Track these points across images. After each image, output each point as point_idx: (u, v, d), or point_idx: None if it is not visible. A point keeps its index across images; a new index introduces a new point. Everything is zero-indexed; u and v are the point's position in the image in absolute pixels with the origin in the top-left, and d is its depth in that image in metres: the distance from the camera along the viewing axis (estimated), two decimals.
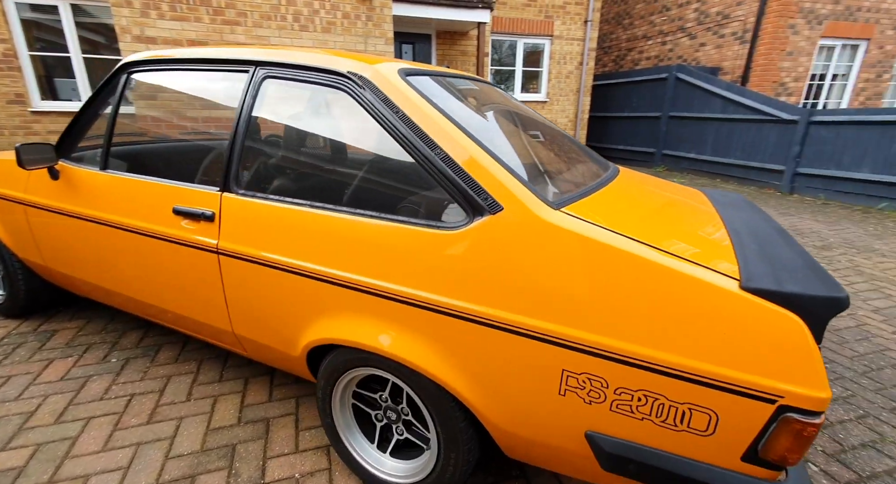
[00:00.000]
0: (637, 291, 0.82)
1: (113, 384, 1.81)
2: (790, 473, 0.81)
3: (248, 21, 4.75)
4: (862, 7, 8.51)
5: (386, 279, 1.10)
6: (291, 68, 1.35)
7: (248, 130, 1.41)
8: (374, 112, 1.18)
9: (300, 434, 1.57)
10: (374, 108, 1.18)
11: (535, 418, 0.99)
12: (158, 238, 1.52)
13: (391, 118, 1.14)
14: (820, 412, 0.71)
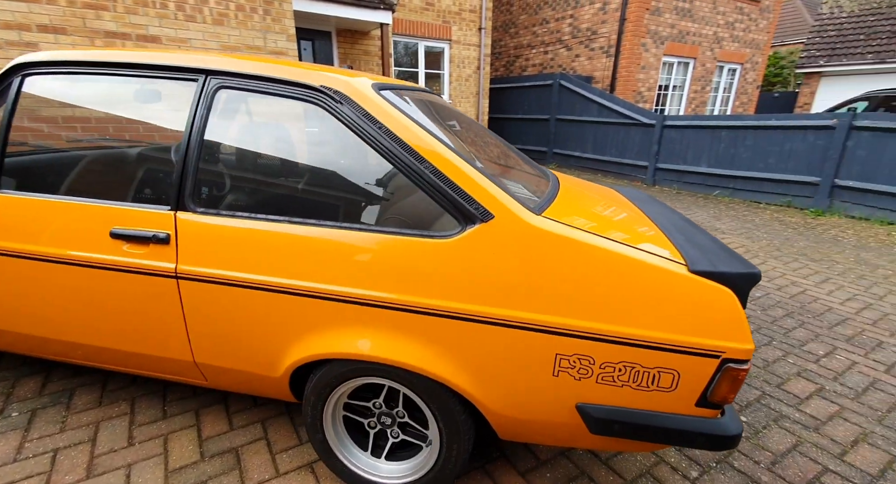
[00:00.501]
0: (614, 281, 1.01)
1: (25, 441, 1.52)
2: (726, 410, 1.08)
3: (117, 6, 4.13)
4: (690, 32, 10.39)
5: (382, 289, 1.15)
6: (252, 79, 1.30)
7: (202, 145, 1.32)
8: (354, 127, 1.21)
9: (276, 457, 1.52)
10: (353, 123, 1.20)
11: (531, 400, 1.14)
12: (91, 266, 1.34)
13: (373, 133, 1.18)
14: (748, 360, 0.98)
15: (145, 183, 1.48)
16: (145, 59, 1.36)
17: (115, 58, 1.39)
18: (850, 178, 5.76)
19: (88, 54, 1.40)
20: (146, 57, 1.37)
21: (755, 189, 6.60)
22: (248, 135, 1.48)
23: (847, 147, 5.72)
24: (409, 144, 1.16)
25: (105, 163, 1.57)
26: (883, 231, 5.17)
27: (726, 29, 11.24)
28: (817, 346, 2.41)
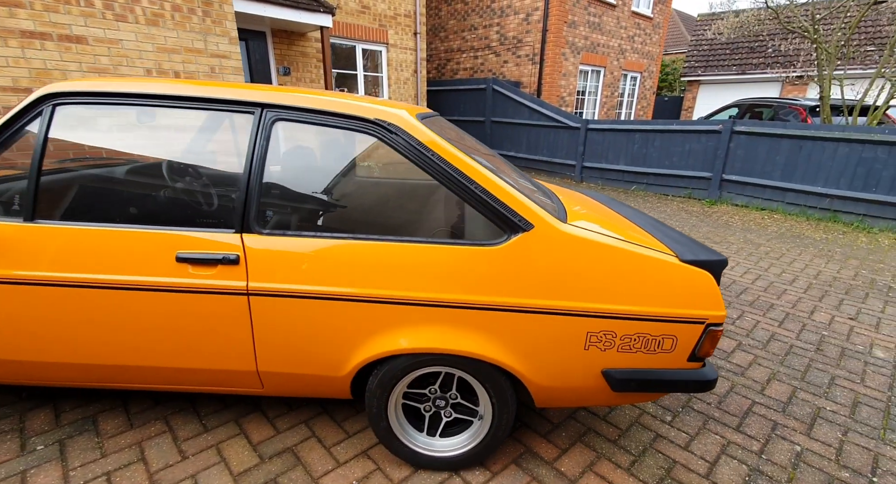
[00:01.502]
0: (628, 271, 1.36)
1: (69, 470, 1.52)
2: (706, 362, 1.48)
3: (34, 3, 3.74)
4: (600, 43, 11.54)
5: (443, 292, 1.39)
6: (309, 113, 1.45)
7: (263, 172, 1.44)
8: (409, 154, 1.42)
9: (332, 450, 1.68)
10: (409, 151, 1.42)
11: (566, 371, 1.45)
12: (156, 290, 1.40)
13: (425, 159, 1.41)
14: (723, 323, 1.38)
15: (207, 208, 1.54)
16: (201, 93, 1.44)
17: (166, 91, 1.45)
18: (733, 173, 6.95)
19: (134, 86, 1.45)
20: (202, 90, 1.45)
21: (663, 184, 7.66)
22: (304, 161, 1.61)
23: (730, 148, 6.89)
24: (458, 168, 1.40)
25: (164, 191, 1.59)
26: (759, 215, 6.35)
27: (628, 41, 12.61)
28: (731, 311, 3.06)
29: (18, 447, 1.61)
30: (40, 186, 1.43)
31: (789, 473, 1.65)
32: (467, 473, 1.60)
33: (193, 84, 1.47)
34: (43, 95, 1.43)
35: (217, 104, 1.46)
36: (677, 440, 1.80)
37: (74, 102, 1.44)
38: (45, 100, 1.43)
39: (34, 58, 3.81)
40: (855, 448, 1.79)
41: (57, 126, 1.45)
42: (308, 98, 1.46)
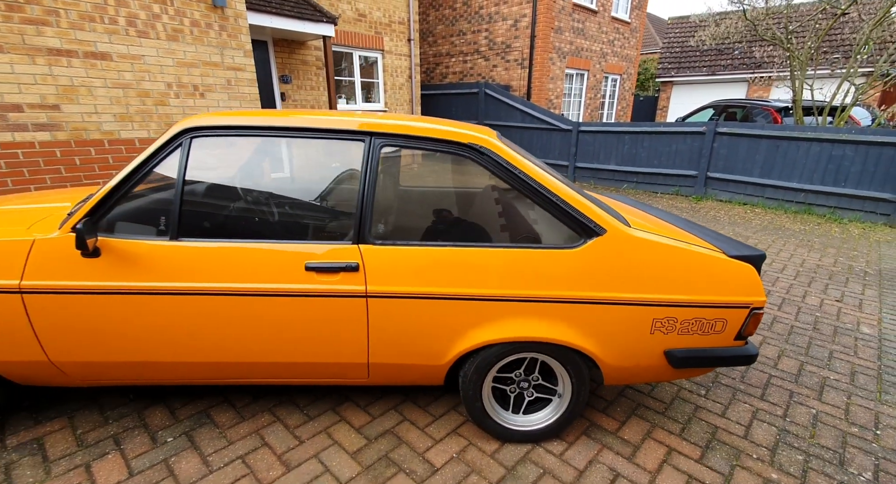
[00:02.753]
0: (687, 267, 1.64)
1: (206, 456, 1.71)
2: (748, 340, 1.79)
3: (61, 22, 3.81)
4: (584, 48, 11.99)
5: (532, 289, 1.65)
6: (412, 140, 1.68)
7: (375, 191, 1.67)
8: (498, 172, 1.67)
9: (426, 430, 1.92)
10: (498, 169, 1.67)
11: (634, 352, 1.73)
12: (288, 295, 1.62)
13: (511, 175, 1.66)
14: (763, 307, 1.68)
15: (328, 224, 1.75)
16: (317, 124, 1.66)
17: (287, 123, 1.66)
18: (717, 171, 7.44)
19: (259, 119, 1.65)
20: (318, 121, 1.66)
21: (652, 182, 8.11)
22: (409, 180, 1.83)
23: (714, 148, 7.38)
24: (541, 182, 1.66)
25: (291, 210, 1.79)
26: (742, 210, 6.83)
27: (609, 46, 13.12)
28: None
29: (150, 440, 1.79)
30: (183, 209, 1.62)
31: (811, 431, 1.98)
32: (547, 445, 1.86)
33: (309, 115, 1.69)
34: (182, 130, 1.62)
35: (332, 134, 1.68)
36: (714, 410, 2.12)
37: (208, 135, 1.64)
38: (184, 133, 1.62)
39: (61, 75, 3.88)
40: (859, 409, 2.14)
41: (194, 156, 1.64)
42: (409, 126, 1.69)
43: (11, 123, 3.70)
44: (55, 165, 3.99)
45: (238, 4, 4.93)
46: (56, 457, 1.69)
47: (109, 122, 4.23)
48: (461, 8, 11.62)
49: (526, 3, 10.39)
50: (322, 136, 1.68)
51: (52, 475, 1.61)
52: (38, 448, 1.73)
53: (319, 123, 1.67)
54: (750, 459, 1.81)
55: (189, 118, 1.65)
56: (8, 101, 3.66)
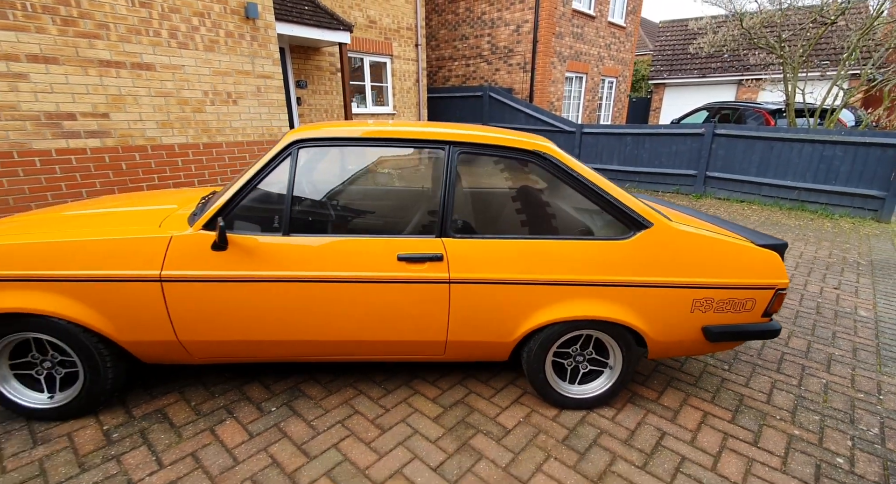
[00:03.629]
0: (722, 255, 1.94)
1: (311, 422, 1.97)
2: (772, 317, 2.08)
3: (111, 35, 4.04)
4: (583, 52, 12.35)
5: (589, 274, 1.93)
6: (486, 147, 1.96)
7: (453, 191, 1.94)
8: (559, 175, 1.96)
9: (492, 400, 2.19)
10: (559, 172, 1.95)
11: (676, 329, 2.02)
12: (384, 282, 1.88)
13: (571, 177, 1.95)
14: (787, 288, 1.98)
15: (416, 220, 2.02)
16: (404, 134, 1.93)
17: (375, 134, 1.93)
18: (715, 170, 7.81)
19: (354, 131, 1.92)
20: (404, 132, 1.94)
21: (654, 181, 8.47)
22: (482, 182, 2.11)
23: (712, 148, 7.75)
24: (596, 183, 1.95)
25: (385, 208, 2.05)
26: (739, 207, 7.20)
27: (605, 49, 13.50)
28: None
29: (256, 410, 2.05)
30: (293, 209, 1.88)
31: (823, 397, 2.29)
32: (599, 411, 2.15)
33: (397, 127, 1.96)
34: (291, 142, 1.88)
35: (418, 143, 1.95)
36: (738, 381, 2.42)
37: (313, 145, 1.90)
38: (292, 145, 1.88)
39: (110, 85, 4.10)
40: (862, 379, 2.46)
41: (301, 164, 1.90)
42: (482, 136, 1.97)
43: (66, 131, 3.91)
44: (104, 170, 4.20)
45: (268, 15, 5.17)
46: (180, 424, 1.94)
47: (152, 128, 4.45)
48: (464, 13, 11.92)
49: (528, 10, 10.72)
50: (409, 146, 1.96)
51: (184, 437, 1.86)
52: (162, 417, 1.98)
53: (406, 134, 1.94)
54: (774, 419, 2.11)
55: (295, 131, 1.91)
56: (63, 110, 3.87)
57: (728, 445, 1.93)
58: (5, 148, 3.63)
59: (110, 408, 2.04)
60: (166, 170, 4.64)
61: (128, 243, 1.79)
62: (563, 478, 1.72)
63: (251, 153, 5.34)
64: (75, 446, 1.80)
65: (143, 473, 1.68)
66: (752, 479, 1.74)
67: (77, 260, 1.77)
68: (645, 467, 1.79)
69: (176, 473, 1.69)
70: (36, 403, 1.92)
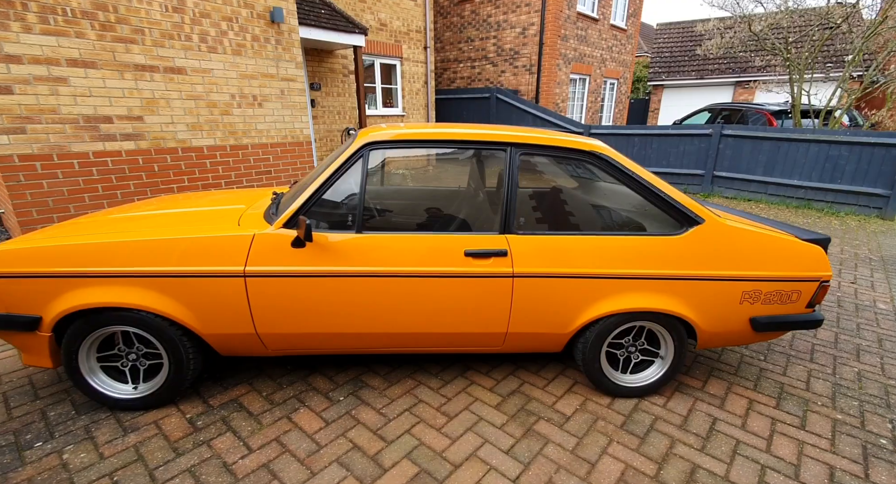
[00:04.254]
0: (770, 249, 2.05)
1: (379, 410, 2.07)
2: (816, 308, 2.20)
3: (145, 40, 4.12)
4: (586, 54, 12.51)
5: (644, 268, 2.04)
6: (545, 148, 2.07)
7: (515, 190, 2.05)
8: (614, 174, 2.07)
9: (546, 389, 2.30)
10: (614, 171, 2.06)
11: (726, 320, 2.13)
12: (452, 276, 1.98)
13: (629, 177, 2.06)
14: (830, 280, 2.10)
15: (481, 217, 2.12)
16: (467, 137, 2.04)
17: (442, 136, 2.03)
18: (723, 170, 7.97)
19: (421, 133, 2.02)
20: (467, 134, 2.04)
21: None
22: (541, 181, 2.22)
23: (720, 148, 7.91)
24: (651, 181, 2.07)
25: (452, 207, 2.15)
26: (747, 206, 7.35)
27: (608, 52, 13.68)
28: None
29: (325, 399, 2.14)
30: (364, 208, 1.97)
31: (858, 384, 2.41)
32: (649, 399, 2.26)
33: (461, 129, 2.06)
34: (363, 144, 1.98)
35: (480, 145, 2.06)
36: (776, 370, 2.54)
37: (382, 148, 2.00)
38: (364, 147, 1.98)
39: (145, 88, 4.18)
40: (892, 366, 2.59)
41: (371, 165, 2.00)
42: (540, 137, 2.08)
43: (103, 134, 3.99)
44: (138, 172, 4.27)
45: (291, 19, 5.26)
46: (257, 412, 2.03)
47: (183, 131, 4.53)
48: (469, 16, 12.05)
49: (534, 13, 10.86)
50: (472, 147, 2.06)
51: (264, 425, 1.96)
52: (239, 406, 2.07)
53: (469, 136, 2.05)
54: (816, 405, 2.23)
55: (365, 135, 2.01)
56: (100, 114, 3.94)
57: (777, 429, 2.05)
58: (46, 151, 3.70)
59: (187, 398, 2.13)
60: (195, 171, 4.72)
61: (215, 241, 1.88)
62: (629, 460, 1.83)
63: (275, 155, 5.43)
64: (165, 433, 1.89)
65: (236, 457, 1.77)
66: (805, 459, 1.86)
67: (166, 257, 1.86)
68: (704, 450, 1.90)
69: (266, 456, 1.78)
70: (122, 393, 2.01)
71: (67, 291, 1.84)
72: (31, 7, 3.45)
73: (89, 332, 1.90)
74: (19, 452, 1.76)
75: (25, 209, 3.65)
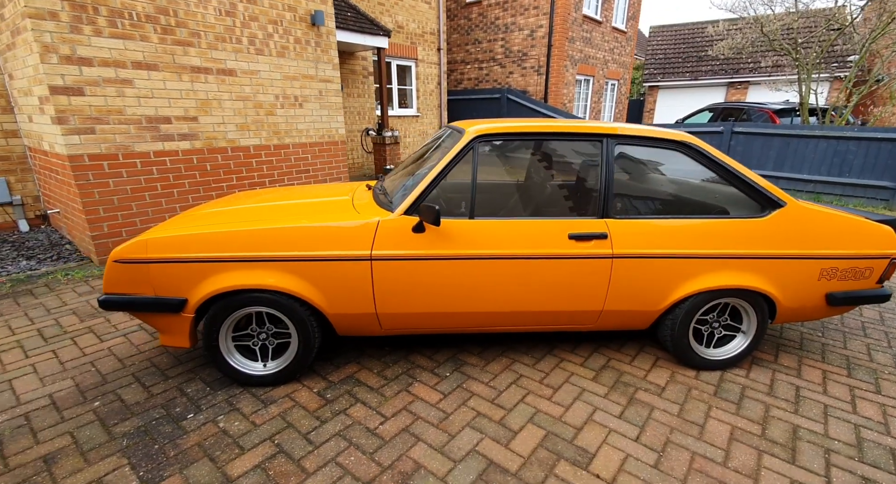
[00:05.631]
0: (845, 229, 2.23)
1: (488, 384, 2.21)
2: (884, 284, 2.38)
3: (201, 42, 4.23)
4: (591, 56, 12.78)
5: (731, 248, 2.21)
6: (637, 139, 2.24)
7: (612, 178, 2.21)
8: (702, 162, 2.24)
9: (632, 364, 2.46)
10: (702, 159, 2.24)
11: (804, 296, 2.31)
12: (557, 258, 2.14)
13: (717, 164, 2.23)
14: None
15: (582, 203, 2.29)
16: (567, 129, 2.20)
17: (543, 129, 2.19)
18: None
19: (525, 127, 2.18)
20: (566, 127, 2.20)
21: None
22: (635, 170, 2.38)
23: (731, 145, 8.18)
24: (737, 169, 2.24)
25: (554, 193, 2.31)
26: None
27: (609, 53, 13.97)
28: None
29: (433, 375, 2.28)
30: (476, 195, 2.12)
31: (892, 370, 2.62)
32: (731, 372, 2.43)
33: (560, 123, 2.22)
34: (473, 138, 2.13)
35: (580, 137, 2.22)
36: (836, 345, 2.73)
37: (490, 140, 2.16)
38: (474, 140, 2.13)
39: (200, 90, 4.28)
40: None
41: (480, 157, 2.15)
42: (633, 129, 2.25)
43: (162, 134, 4.08)
44: (192, 171, 4.37)
45: (330, 22, 5.40)
46: (377, 387, 2.17)
47: (232, 131, 4.64)
48: (476, 19, 12.26)
49: (542, 16, 11.10)
50: (571, 139, 2.23)
51: (388, 397, 2.10)
52: (357, 382, 2.21)
53: (569, 129, 2.21)
54: (884, 373, 2.42)
55: (474, 129, 2.15)
56: (161, 114, 4.04)
57: (857, 394, 2.23)
58: (112, 150, 3.78)
59: (307, 376, 2.25)
60: (243, 170, 4.82)
61: (344, 228, 2.02)
62: (733, 422, 2.00)
63: (313, 154, 5.54)
64: (301, 405, 2.02)
65: (375, 423, 1.91)
66: (891, 419, 2.04)
67: (301, 243, 1.99)
68: (797, 413, 2.07)
69: (402, 423, 1.92)
70: (254, 370, 2.13)
71: (213, 274, 1.96)
72: (102, 11, 3.54)
73: (230, 313, 2.02)
74: (176, 422, 1.88)
75: (93, 207, 3.73)
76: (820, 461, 1.77)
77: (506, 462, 1.72)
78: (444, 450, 1.77)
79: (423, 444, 1.80)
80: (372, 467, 1.67)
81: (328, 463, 1.69)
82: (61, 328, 2.71)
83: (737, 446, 1.83)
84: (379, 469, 1.67)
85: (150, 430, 1.84)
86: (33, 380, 2.18)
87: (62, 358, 2.38)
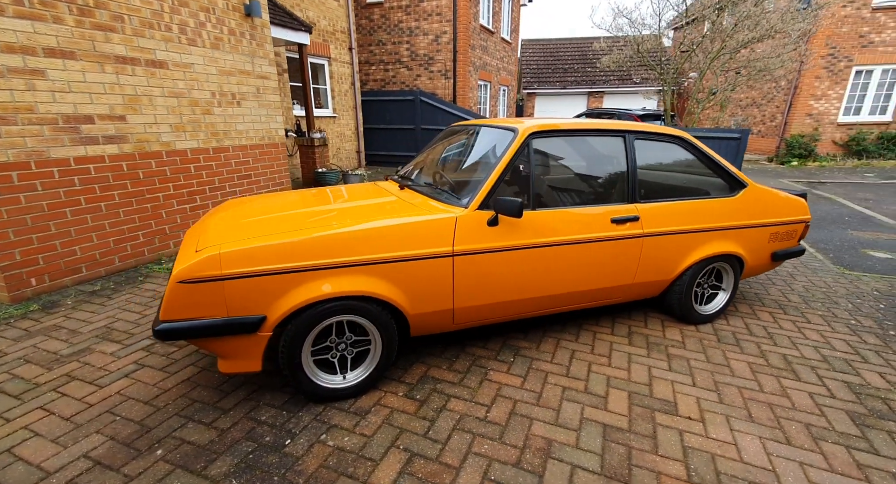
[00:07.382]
0: (783, 202, 2.93)
1: (602, 361, 2.39)
2: (801, 243, 3.17)
3: (125, 28, 3.58)
4: (488, 63, 13.73)
5: (717, 222, 2.75)
6: (650, 134, 2.64)
7: (635, 168, 2.57)
8: (695, 154, 2.74)
9: (649, 327, 2.87)
10: (696, 152, 2.74)
11: (759, 255, 2.95)
12: (604, 240, 2.42)
13: (705, 156, 2.75)
14: (810, 222, 3.07)
15: (615, 192, 2.55)
16: (600, 127, 2.49)
17: (585, 126, 2.46)
18: None
19: (570, 125, 2.42)
20: (600, 125, 2.50)
21: None
22: (652, 161, 2.74)
23: None
24: (718, 160, 2.79)
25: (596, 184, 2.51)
26: None
27: (501, 61, 15.17)
28: None
29: (499, 362, 2.37)
30: (533, 189, 2.28)
31: (824, 291, 3.52)
32: (717, 322, 2.99)
33: (594, 123, 2.51)
34: (527, 135, 2.28)
35: (609, 133, 2.54)
36: (763, 293, 3.53)
37: (542, 137, 2.34)
38: (529, 137, 2.29)
39: (126, 84, 3.63)
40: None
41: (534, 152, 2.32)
42: (645, 127, 2.65)
43: (84, 136, 3.35)
44: (122, 180, 3.66)
45: (264, 14, 4.97)
46: (456, 381, 2.18)
47: (167, 132, 4.00)
48: (379, 20, 12.23)
49: (446, 23, 11.56)
50: (605, 136, 2.54)
51: (473, 387, 2.13)
52: (435, 380, 2.19)
53: (601, 127, 2.52)
54: (804, 308, 3.22)
55: (528, 127, 2.31)
56: (81, 112, 3.31)
57: (799, 325, 2.95)
58: (23, 158, 2.98)
59: (382, 383, 2.16)
60: (180, 177, 4.17)
61: (424, 225, 2.00)
62: (745, 359, 2.50)
63: (253, 157, 5.04)
64: (399, 409, 1.94)
65: (482, 413, 1.95)
66: (830, 339, 2.76)
67: (382, 245, 1.92)
68: (777, 344, 2.67)
69: (505, 408, 1.99)
70: (333, 384, 1.97)
71: (295, 286, 1.78)
72: None
73: (314, 326, 1.85)
74: (277, 451, 1.67)
75: (1, 231, 2.91)
76: (813, 376, 2.34)
77: (615, 422, 1.92)
78: (559, 423, 1.90)
79: (539, 422, 1.90)
80: (510, 450, 1.73)
81: (468, 455, 1.69)
82: (26, 381, 2.11)
83: (761, 376, 2.32)
84: (518, 450, 1.73)
85: (253, 464, 1.61)
86: (42, 444, 1.70)
87: (62, 414, 1.88)
